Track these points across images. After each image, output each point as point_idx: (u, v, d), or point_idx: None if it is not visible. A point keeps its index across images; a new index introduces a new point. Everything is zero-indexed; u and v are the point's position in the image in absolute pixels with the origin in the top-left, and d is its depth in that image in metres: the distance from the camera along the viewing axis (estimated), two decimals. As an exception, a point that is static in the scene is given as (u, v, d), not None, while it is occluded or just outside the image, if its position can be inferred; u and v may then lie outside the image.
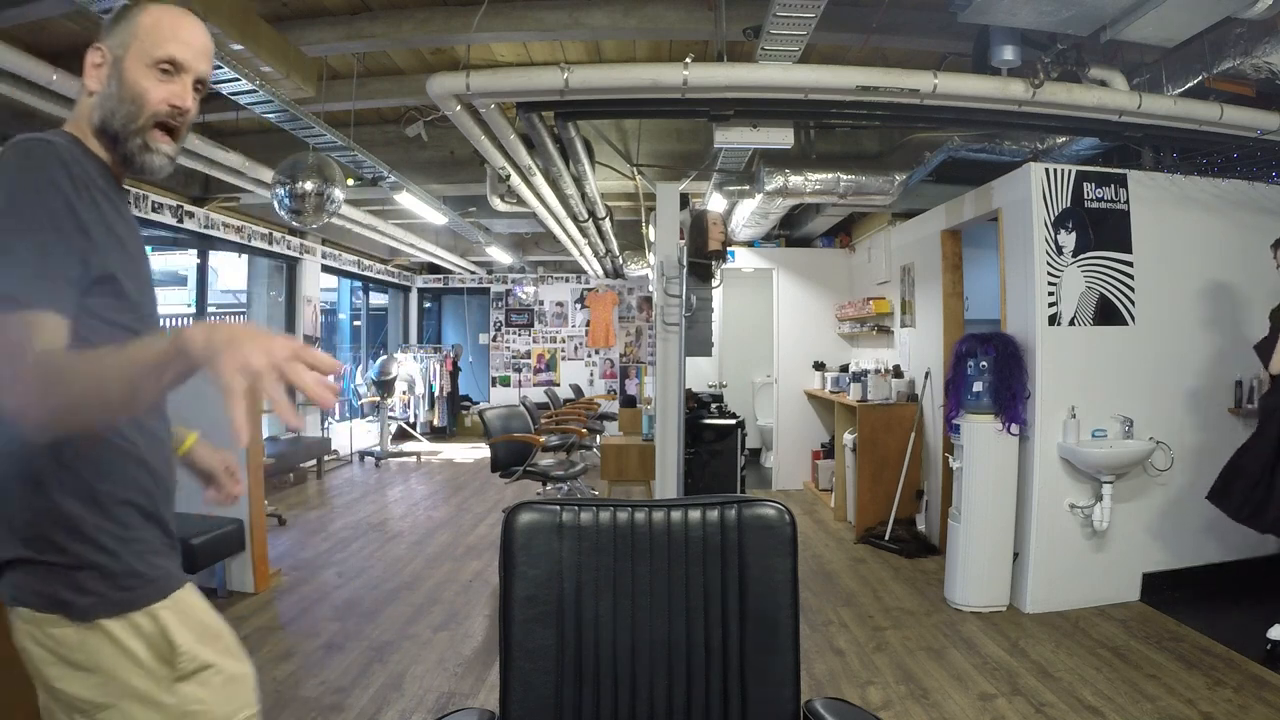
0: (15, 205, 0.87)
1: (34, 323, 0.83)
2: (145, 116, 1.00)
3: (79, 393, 0.80)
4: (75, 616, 0.92)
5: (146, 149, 1.02)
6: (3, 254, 0.85)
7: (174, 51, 1.01)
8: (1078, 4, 2.57)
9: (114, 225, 0.96)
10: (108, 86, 1.00)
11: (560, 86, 3.00)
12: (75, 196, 0.90)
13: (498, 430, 4.81)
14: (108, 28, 1.03)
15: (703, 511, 1.22)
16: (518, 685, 1.14)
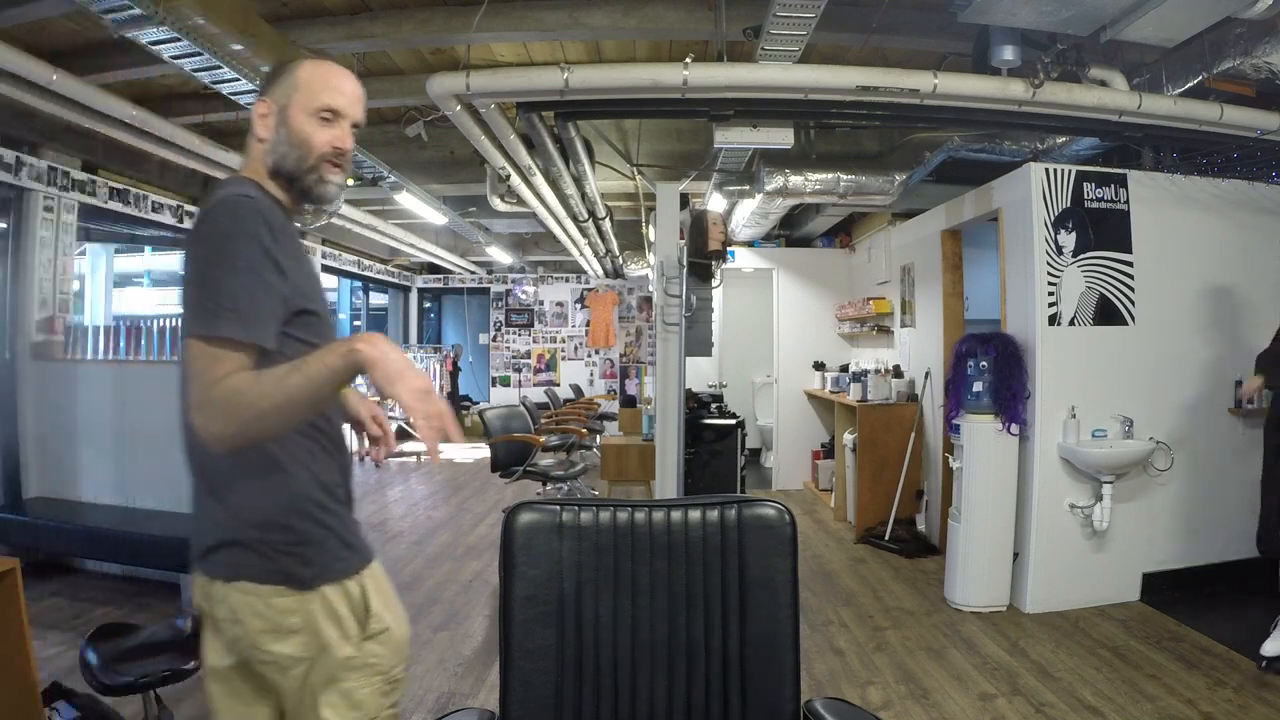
0: (226, 254, 1.02)
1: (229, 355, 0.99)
2: (314, 158, 1.15)
3: (265, 407, 0.96)
4: (298, 586, 1.08)
5: (322, 182, 1.17)
6: (215, 296, 1.00)
7: (332, 101, 1.16)
8: (1078, 4, 2.57)
9: (301, 261, 1.14)
10: (276, 134, 1.15)
11: (560, 86, 3.00)
12: (272, 244, 1.05)
13: (498, 430, 4.81)
14: (269, 82, 1.18)
15: (703, 511, 1.22)
16: (518, 685, 1.14)
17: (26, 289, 4.03)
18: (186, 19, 2.59)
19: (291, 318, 1.08)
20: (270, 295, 1.04)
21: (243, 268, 1.01)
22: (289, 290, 1.07)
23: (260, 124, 1.16)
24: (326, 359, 0.95)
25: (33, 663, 1.90)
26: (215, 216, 1.05)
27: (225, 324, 0.98)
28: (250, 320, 1.00)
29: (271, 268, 1.04)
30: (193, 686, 2.50)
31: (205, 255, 1.03)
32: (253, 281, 1.02)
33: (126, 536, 3.44)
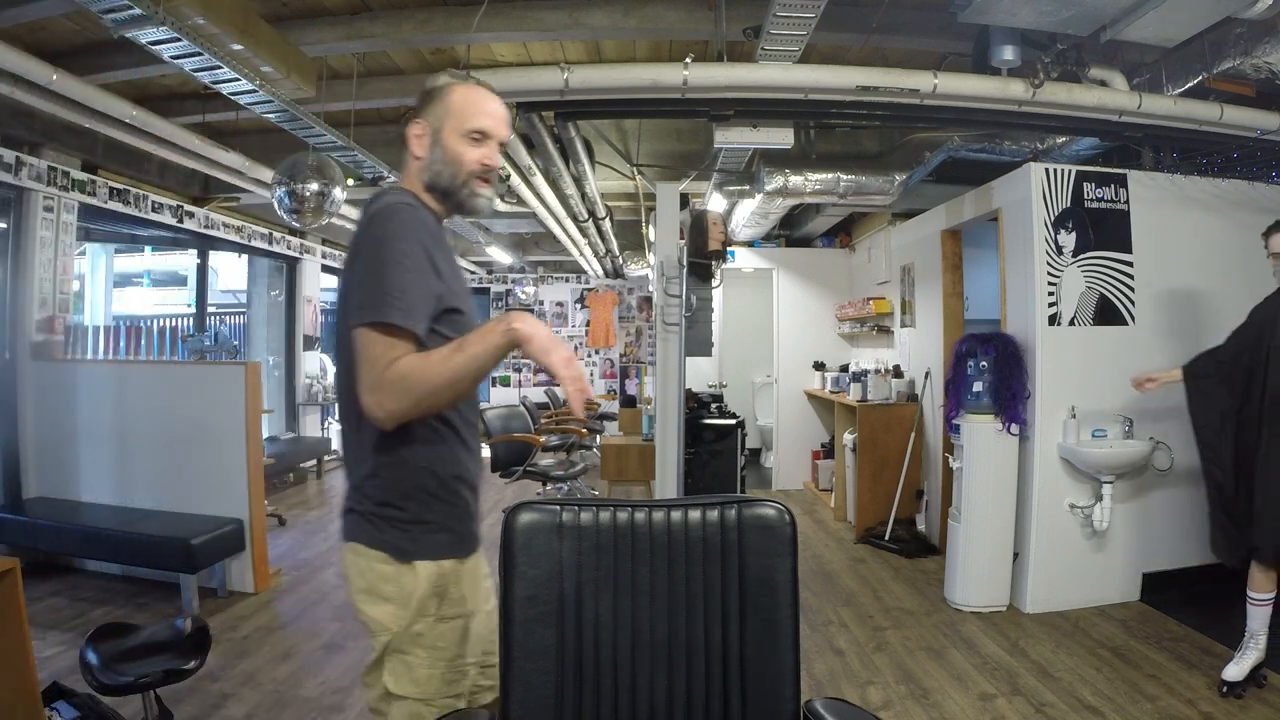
0: (394, 253, 1.15)
1: (395, 342, 1.12)
2: (465, 175, 1.28)
3: (433, 385, 1.11)
4: (400, 557, 1.21)
5: (473, 195, 1.30)
6: (385, 288, 1.13)
7: (481, 124, 1.28)
8: (1078, 4, 2.57)
9: (453, 265, 1.27)
10: (431, 153, 1.28)
11: (560, 86, 3.00)
12: (431, 247, 1.20)
13: (498, 430, 4.81)
14: (423, 104, 1.31)
15: (703, 511, 1.22)
16: (518, 685, 1.14)
17: (26, 289, 4.02)
18: (186, 19, 2.59)
19: (441, 315, 1.20)
20: (427, 292, 1.17)
21: (408, 266, 1.15)
22: (443, 289, 1.20)
23: (416, 143, 1.29)
24: (487, 337, 1.11)
25: (33, 663, 1.90)
26: (384, 220, 1.18)
27: (393, 313, 1.12)
28: (411, 311, 1.14)
29: (430, 268, 1.18)
30: (193, 686, 2.51)
31: (376, 253, 1.16)
32: (414, 279, 1.15)
33: (126, 536, 3.44)
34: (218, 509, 3.62)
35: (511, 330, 1.10)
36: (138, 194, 4.82)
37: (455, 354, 1.11)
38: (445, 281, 1.21)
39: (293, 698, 2.59)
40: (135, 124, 3.68)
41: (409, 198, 1.25)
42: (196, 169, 4.60)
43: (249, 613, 3.41)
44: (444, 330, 1.21)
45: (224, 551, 3.51)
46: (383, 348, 1.12)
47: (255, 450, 3.69)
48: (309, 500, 6.03)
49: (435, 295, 1.19)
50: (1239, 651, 2.58)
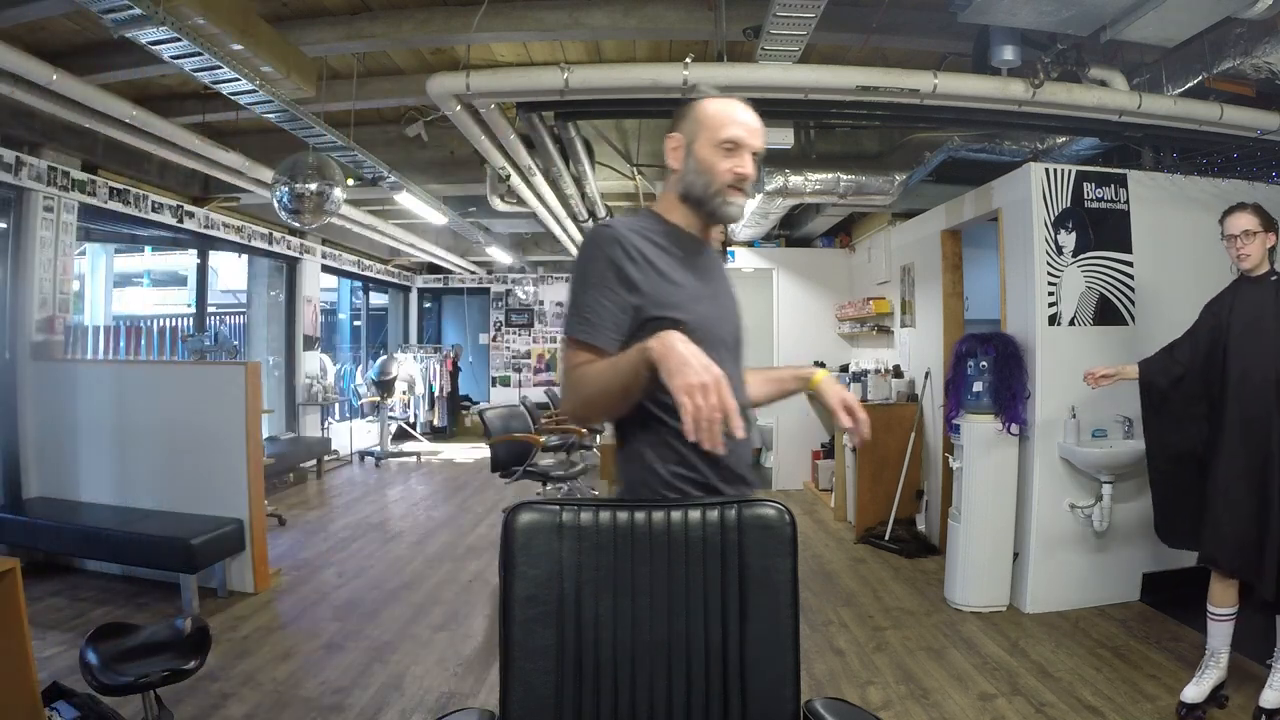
0: (582, 273, 1.27)
1: (579, 352, 1.24)
2: (718, 185, 1.32)
3: (590, 392, 1.23)
4: None
5: (726, 204, 1.34)
6: (573, 306, 1.26)
7: (733, 133, 1.31)
8: (1078, 4, 2.58)
9: (670, 275, 1.30)
10: (686, 164, 1.34)
11: (560, 86, 3.00)
12: (626, 263, 1.25)
13: (498, 430, 4.81)
14: (678, 119, 1.37)
15: (703, 511, 1.22)
16: (518, 685, 1.14)
17: (26, 289, 4.03)
18: (186, 19, 2.59)
19: (644, 324, 1.24)
20: (612, 307, 1.24)
21: (592, 284, 1.25)
22: (640, 302, 1.25)
23: (672, 156, 1.36)
24: (629, 355, 1.15)
25: (32, 663, 1.90)
26: (583, 245, 1.31)
27: (575, 328, 1.25)
28: (592, 327, 1.24)
29: (620, 284, 1.25)
30: (193, 686, 2.51)
31: (574, 274, 1.29)
32: (598, 296, 1.24)
33: (126, 536, 3.44)
34: (218, 509, 3.62)
35: (646, 349, 1.11)
36: (138, 194, 4.82)
37: (606, 367, 1.20)
38: (645, 294, 1.25)
39: (293, 698, 2.59)
40: (135, 124, 3.68)
41: (631, 218, 1.35)
42: (196, 169, 4.60)
43: (249, 613, 3.41)
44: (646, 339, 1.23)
45: (224, 551, 3.51)
46: (569, 355, 1.26)
47: (255, 450, 3.69)
48: (309, 500, 6.03)
49: (629, 308, 1.25)
50: (1199, 671, 2.46)
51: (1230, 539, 2.37)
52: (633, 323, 1.26)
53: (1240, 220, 2.44)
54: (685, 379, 1.05)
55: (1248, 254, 2.42)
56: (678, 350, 1.08)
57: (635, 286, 1.25)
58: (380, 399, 8.18)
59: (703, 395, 1.04)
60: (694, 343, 1.20)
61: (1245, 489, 2.36)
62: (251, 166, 4.43)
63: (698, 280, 1.34)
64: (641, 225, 1.33)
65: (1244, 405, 2.38)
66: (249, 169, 4.44)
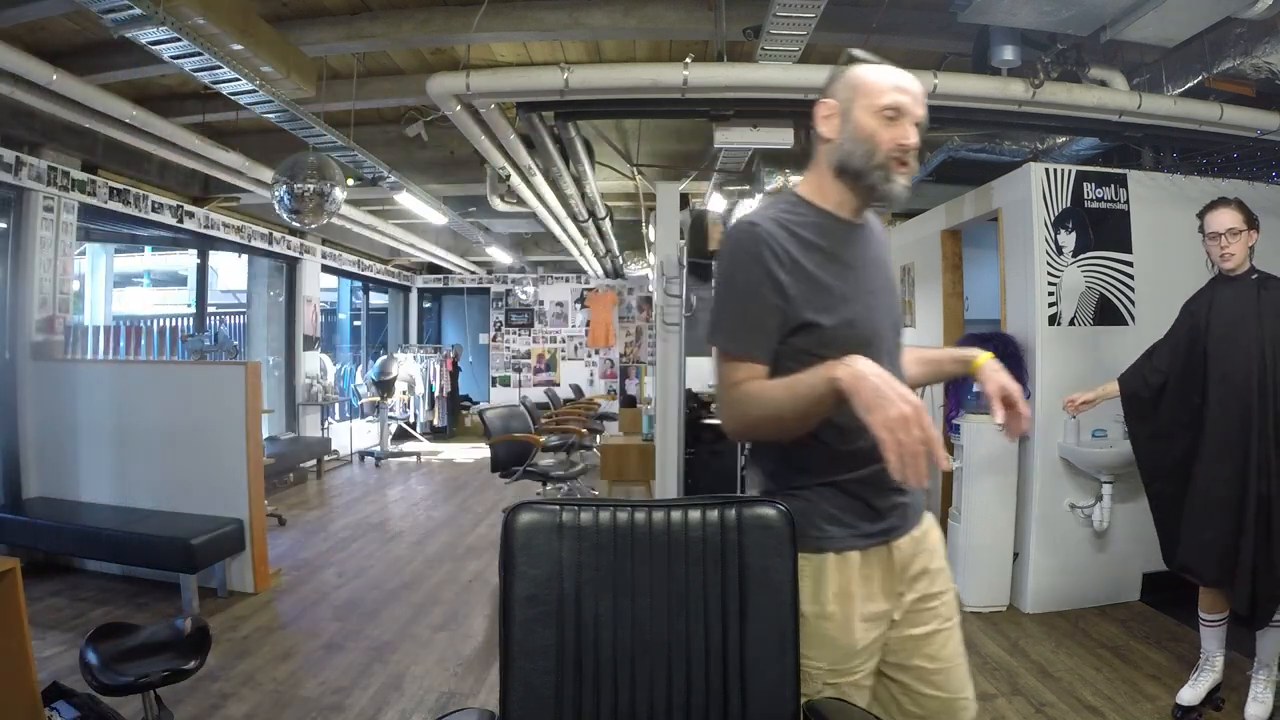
0: (726, 278, 1.19)
1: (736, 366, 1.16)
2: (881, 155, 1.18)
3: (758, 416, 1.14)
4: None
5: (888, 179, 1.20)
6: (721, 316, 1.19)
7: (895, 100, 1.18)
8: (1078, 4, 2.58)
9: (820, 275, 1.19)
10: (841, 133, 1.21)
11: (560, 86, 3.00)
12: (775, 266, 1.15)
13: (498, 430, 4.80)
14: (831, 84, 1.25)
15: (702, 511, 1.22)
16: (518, 685, 1.14)
17: (26, 289, 4.03)
18: (186, 19, 2.59)
19: (797, 329, 1.17)
20: (760, 314, 1.16)
21: (737, 290, 1.17)
22: (789, 307, 1.16)
23: (824, 124, 1.23)
24: (812, 381, 1.06)
25: (32, 663, 1.90)
26: (725, 243, 1.22)
27: (720, 338, 1.18)
28: (738, 336, 1.16)
29: (769, 288, 1.15)
30: (193, 686, 2.51)
31: (718, 279, 1.21)
32: (743, 302, 1.16)
33: (126, 536, 3.44)
34: (218, 509, 3.62)
35: (834, 380, 1.02)
36: (138, 194, 4.82)
37: (780, 391, 1.11)
38: (793, 298, 1.16)
39: (293, 698, 2.59)
40: (135, 124, 3.68)
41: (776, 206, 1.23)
42: (196, 169, 4.60)
43: (249, 613, 3.41)
44: (803, 344, 1.17)
45: (224, 551, 3.51)
46: (725, 369, 1.17)
47: (255, 450, 3.69)
48: (309, 500, 6.03)
49: (779, 313, 1.16)
50: (1194, 673, 2.44)
51: (1209, 547, 2.28)
52: (783, 328, 1.17)
53: (1224, 217, 2.30)
54: (885, 413, 0.97)
55: (1232, 253, 2.28)
56: (870, 381, 0.99)
57: (784, 291, 1.16)
58: (380, 399, 8.18)
59: (904, 429, 0.96)
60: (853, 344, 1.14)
61: (1223, 496, 2.26)
62: (251, 166, 4.43)
63: (852, 273, 1.23)
64: (788, 218, 1.20)
65: (1225, 408, 2.28)
66: (249, 169, 4.44)
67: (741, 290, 1.17)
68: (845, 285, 1.21)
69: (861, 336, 1.19)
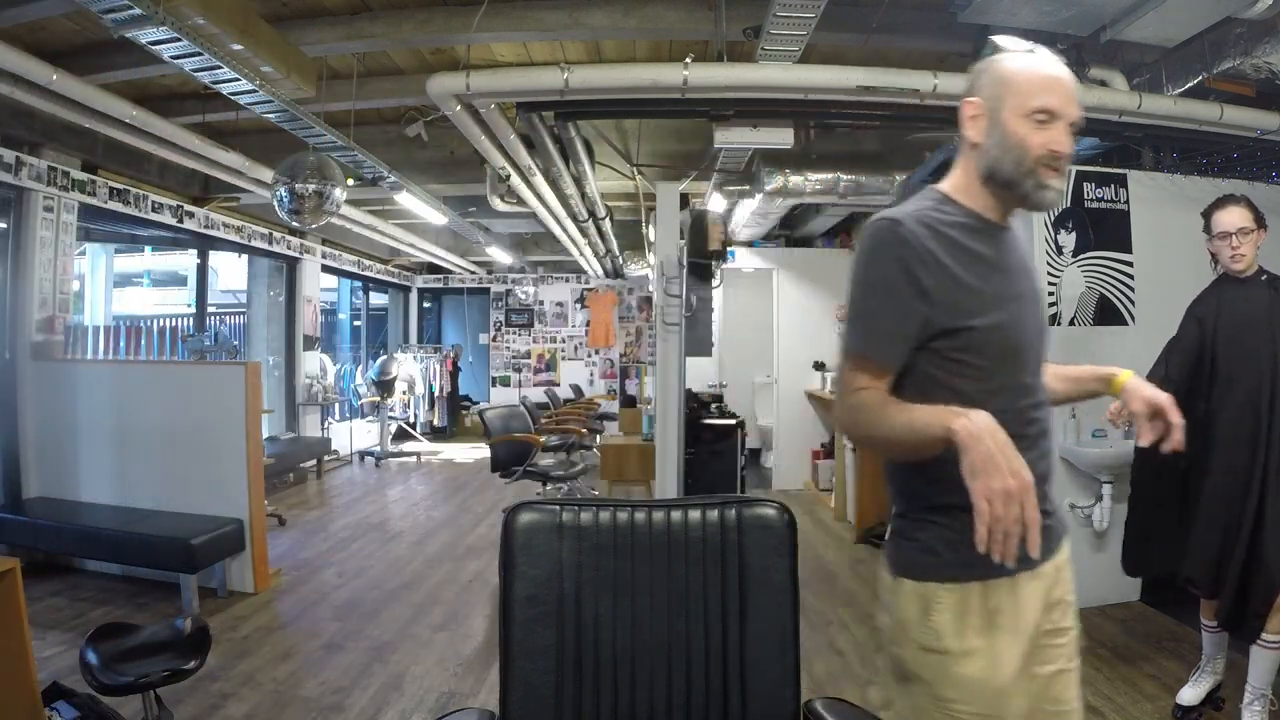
0: (862, 279, 1.11)
1: (861, 370, 1.10)
2: (1030, 162, 1.10)
3: (872, 433, 1.10)
4: (890, 569, 1.18)
5: (1040, 188, 1.11)
6: (852, 315, 1.12)
7: (1047, 102, 1.08)
8: (1078, 4, 2.58)
9: (965, 278, 1.10)
10: (989, 137, 1.12)
11: (560, 86, 3.00)
12: (917, 267, 1.07)
13: (498, 430, 4.80)
14: (976, 80, 1.15)
15: (703, 511, 1.22)
16: (518, 685, 1.14)
17: (26, 289, 4.02)
18: (186, 19, 2.59)
19: (940, 333, 1.09)
20: (895, 318, 1.09)
21: (877, 291, 1.10)
22: (929, 311, 1.08)
23: (970, 125, 1.15)
24: (930, 420, 1.00)
25: (32, 663, 1.91)
26: (863, 242, 1.13)
27: (853, 339, 1.11)
28: (871, 339, 1.10)
29: (909, 291, 1.08)
30: (193, 686, 2.51)
31: (854, 280, 1.13)
32: (879, 305, 1.10)
33: (126, 536, 3.44)
34: (218, 509, 3.62)
35: (951, 431, 0.97)
36: (138, 194, 4.82)
37: (899, 415, 1.05)
38: (936, 302, 1.08)
39: (293, 698, 2.59)
40: (135, 124, 3.68)
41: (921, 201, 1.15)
42: (196, 169, 4.60)
43: (249, 613, 3.41)
44: (955, 351, 1.10)
45: (224, 551, 3.51)
46: (848, 373, 1.12)
47: (255, 450, 3.69)
48: (309, 500, 6.03)
49: (918, 319, 1.08)
50: (1194, 674, 2.42)
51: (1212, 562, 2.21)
52: (921, 334, 1.10)
53: (1233, 216, 2.20)
54: (988, 482, 0.91)
55: (1243, 254, 2.19)
56: (985, 445, 0.94)
57: (926, 294, 1.08)
58: (380, 399, 8.18)
59: (1004, 503, 0.90)
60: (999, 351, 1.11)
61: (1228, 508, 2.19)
62: (251, 166, 4.43)
63: (998, 278, 1.14)
64: (932, 216, 1.12)
65: (1232, 415, 2.21)
66: (249, 169, 4.44)
67: (877, 292, 1.10)
68: (993, 289, 1.13)
69: (1009, 343, 1.13)
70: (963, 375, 1.10)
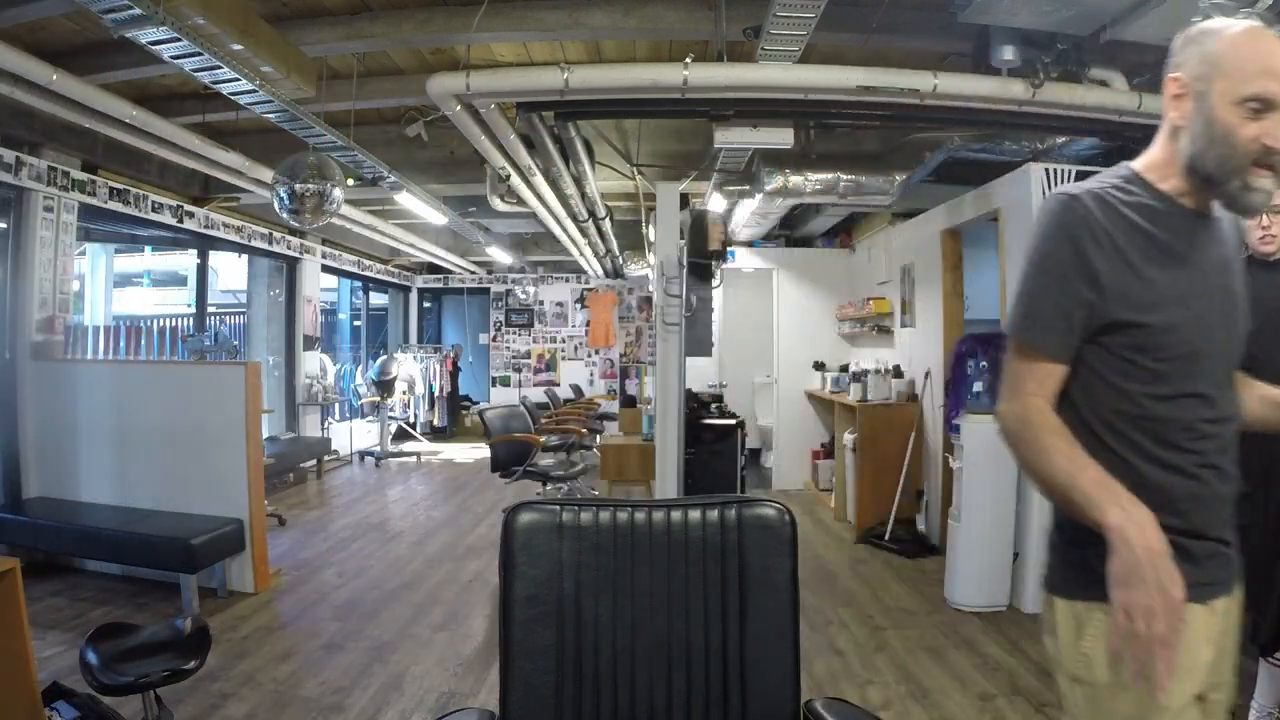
0: (1037, 258, 1.02)
1: (1031, 365, 1.02)
2: (1238, 158, 0.96)
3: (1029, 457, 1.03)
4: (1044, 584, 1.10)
5: (1246, 189, 0.98)
6: (1021, 298, 1.03)
7: (1264, 89, 0.94)
8: (1078, 4, 2.57)
9: (1143, 268, 0.99)
10: (1193, 124, 0.99)
11: (560, 86, 3.00)
12: (1092, 249, 0.98)
13: (498, 430, 4.81)
14: (1181, 52, 1.03)
15: (703, 511, 1.22)
16: (518, 685, 1.14)
17: (26, 289, 4.02)
18: (186, 19, 2.59)
19: (1107, 327, 0.99)
20: (1062, 303, 0.99)
21: (1048, 271, 1.01)
22: (1100, 300, 0.98)
23: (1173, 106, 1.02)
24: (1090, 493, 0.91)
25: (32, 663, 1.91)
26: (1040, 216, 1.04)
27: (1021, 325, 1.03)
28: (1032, 324, 1.02)
29: (1080, 276, 0.98)
30: (193, 686, 2.51)
31: (1028, 252, 1.04)
32: (1045, 286, 1.01)
33: (126, 536, 3.44)
34: (218, 509, 3.62)
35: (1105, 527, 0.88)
36: (138, 194, 4.82)
37: (1063, 462, 0.95)
38: (1106, 289, 0.98)
39: (293, 698, 2.59)
40: (135, 124, 3.68)
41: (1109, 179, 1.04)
42: (196, 169, 4.60)
43: (249, 613, 3.41)
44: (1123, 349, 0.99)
45: (224, 551, 3.51)
46: (1015, 362, 1.03)
47: (255, 450, 3.69)
48: (309, 500, 6.03)
49: (1086, 305, 0.98)
50: None
51: None
52: (1089, 324, 1.00)
53: None
54: (1131, 594, 0.84)
55: (1275, 235, 2.01)
56: (1136, 554, 0.84)
57: (1097, 280, 0.98)
58: (380, 399, 8.18)
59: (1145, 620, 0.82)
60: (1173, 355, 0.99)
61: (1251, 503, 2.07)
62: (251, 166, 4.43)
63: (1185, 272, 1.01)
64: (1116, 195, 1.01)
65: None
66: (249, 169, 4.44)
67: (1048, 270, 1.01)
68: (1174, 284, 1.00)
69: (1185, 348, 0.99)
70: (1132, 378, 1.00)
